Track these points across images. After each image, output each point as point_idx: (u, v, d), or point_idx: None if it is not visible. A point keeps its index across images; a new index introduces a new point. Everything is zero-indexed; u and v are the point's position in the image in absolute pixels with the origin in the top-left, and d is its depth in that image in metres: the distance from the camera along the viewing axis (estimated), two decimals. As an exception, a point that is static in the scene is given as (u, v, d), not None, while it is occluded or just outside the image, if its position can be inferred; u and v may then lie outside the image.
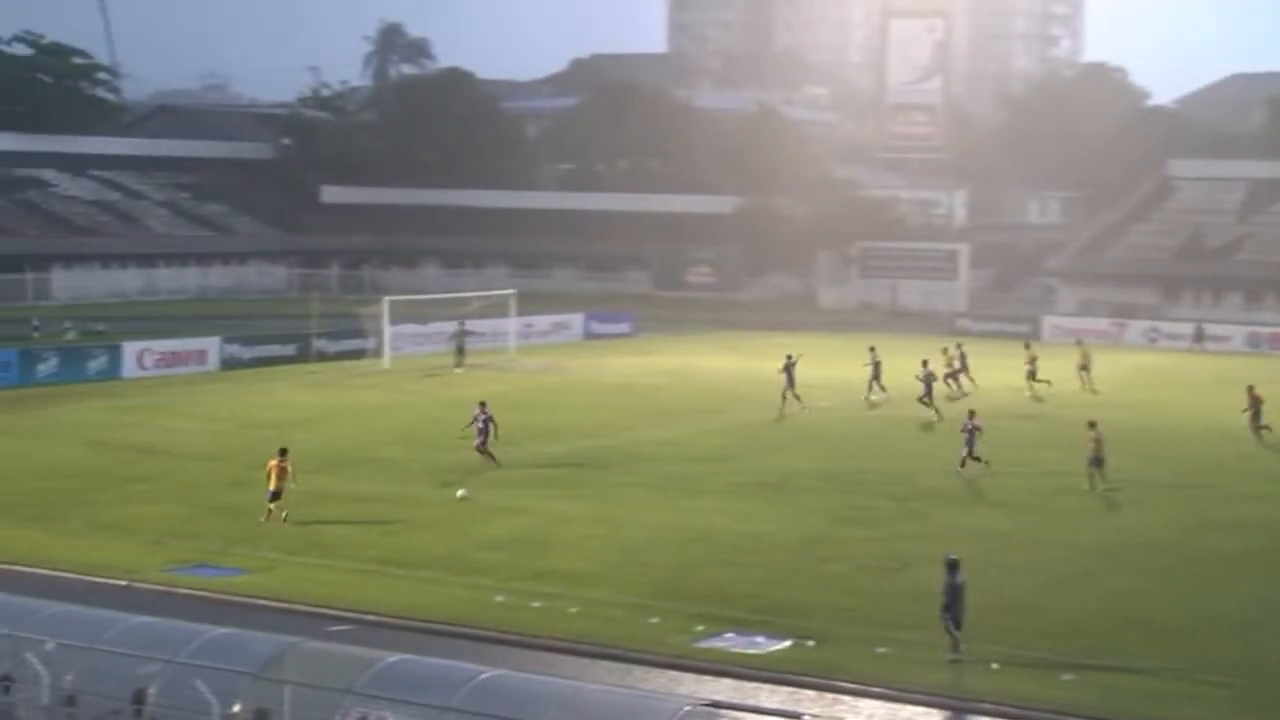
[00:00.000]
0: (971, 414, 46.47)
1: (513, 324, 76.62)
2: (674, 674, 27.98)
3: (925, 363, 57.77)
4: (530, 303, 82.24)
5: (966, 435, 45.33)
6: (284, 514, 37.68)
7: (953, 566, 28.78)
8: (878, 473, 45.63)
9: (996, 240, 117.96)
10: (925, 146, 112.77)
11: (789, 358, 57.78)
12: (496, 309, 76.40)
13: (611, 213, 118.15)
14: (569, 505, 40.48)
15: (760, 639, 29.40)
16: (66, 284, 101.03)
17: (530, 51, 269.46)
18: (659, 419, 55.72)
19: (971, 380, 62.80)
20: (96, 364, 64.70)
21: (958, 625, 28.46)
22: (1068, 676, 27.51)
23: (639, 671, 28.00)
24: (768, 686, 27.40)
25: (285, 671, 21.40)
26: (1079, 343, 69.74)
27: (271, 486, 37.88)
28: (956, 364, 62.90)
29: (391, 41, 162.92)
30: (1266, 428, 52.52)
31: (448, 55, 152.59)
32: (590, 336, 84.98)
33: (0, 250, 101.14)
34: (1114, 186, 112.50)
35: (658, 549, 36.03)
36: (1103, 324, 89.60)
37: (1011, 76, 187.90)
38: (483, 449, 45.44)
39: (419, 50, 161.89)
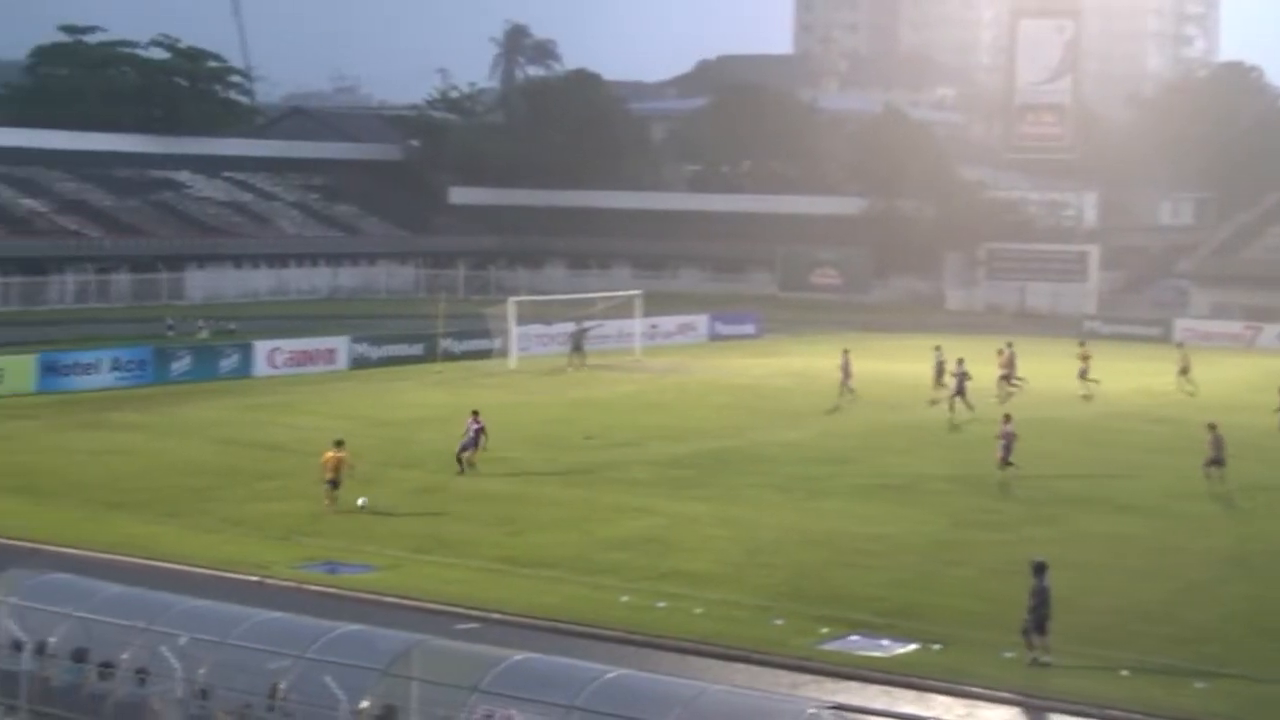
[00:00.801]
0: (1006, 418, 45.62)
1: (638, 325, 76.72)
2: (798, 676, 27.88)
3: (960, 361, 56.90)
4: (655, 304, 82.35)
5: (1003, 441, 44.42)
6: (333, 502, 38.67)
7: (1039, 569, 28.38)
8: (1006, 475, 45.12)
9: (1127, 242, 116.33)
10: (1054, 147, 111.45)
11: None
12: (621, 310, 76.58)
13: (736, 214, 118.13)
14: (694, 506, 40.49)
15: (885, 642, 29.23)
16: (200, 284, 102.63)
17: (657, 53, 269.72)
18: (784, 420, 55.57)
19: (1021, 380, 60.69)
20: (228, 362, 65.65)
21: (1041, 629, 28.01)
22: (1199, 684, 27.10)
23: (763, 673, 27.94)
24: (893, 690, 27.23)
25: (412, 668, 21.58)
26: (1179, 346, 68.45)
27: (329, 476, 38.89)
28: (1003, 367, 60.92)
29: (518, 43, 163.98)
30: None
31: (574, 57, 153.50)
32: (715, 338, 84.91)
33: (136, 250, 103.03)
34: (1248, 187, 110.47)
35: (782, 550, 35.95)
36: (1236, 327, 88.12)
37: (1143, 76, 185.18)
38: (463, 456, 44.24)
39: (545, 52, 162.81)
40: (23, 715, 22.92)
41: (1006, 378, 60.45)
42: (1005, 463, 44.47)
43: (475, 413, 45.45)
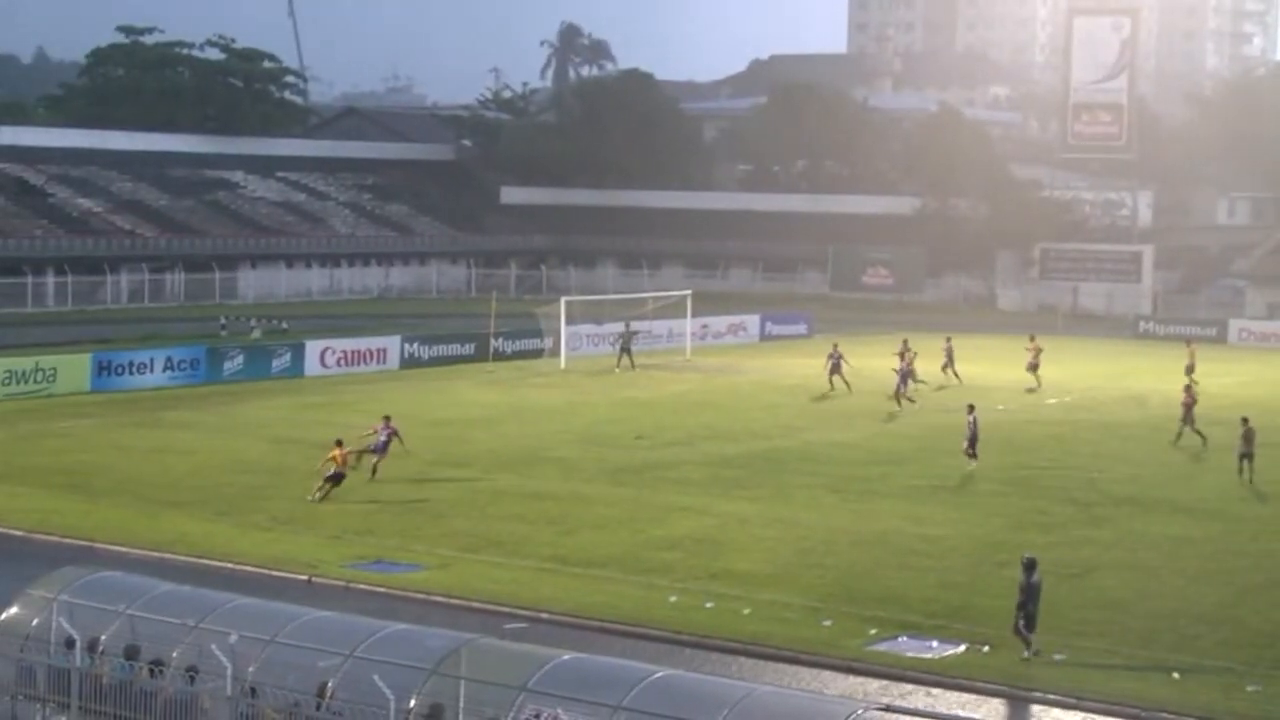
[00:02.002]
0: (970, 408, 46.31)
1: (689, 325, 76.65)
2: (847, 677, 27.78)
3: (903, 354, 58.99)
4: (706, 303, 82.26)
5: (970, 429, 45.54)
6: (318, 495, 40.04)
7: (1029, 566, 28.53)
8: (1061, 477, 44.94)
9: (1182, 242, 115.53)
10: (1110, 146, 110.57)
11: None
12: (672, 310, 76.53)
13: (788, 213, 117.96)
14: (744, 506, 40.40)
15: (934, 643, 29.07)
16: (253, 283, 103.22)
17: (710, 53, 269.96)
18: (835, 420, 55.41)
19: (923, 382, 61.08)
20: (280, 362, 65.92)
21: (1030, 626, 28.16)
22: (1252, 688, 26.85)
23: (811, 674, 27.85)
24: (942, 691, 27.09)
25: (460, 667, 21.55)
26: (1188, 344, 67.80)
27: (332, 470, 40.26)
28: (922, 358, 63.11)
29: (571, 43, 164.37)
30: None
31: (627, 57, 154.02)
32: (766, 337, 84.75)
33: (190, 250, 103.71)
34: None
35: (832, 551, 35.82)
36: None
37: (1201, 75, 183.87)
38: (355, 460, 42.44)
39: (599, 52, 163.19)
40: (74, 712, 23.03)
41: (947, 367, 64.31)
42: (969, 453, 45.46)
43: (387, 418, 44.44)
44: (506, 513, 39.17)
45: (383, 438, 43.43)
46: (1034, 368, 64.32)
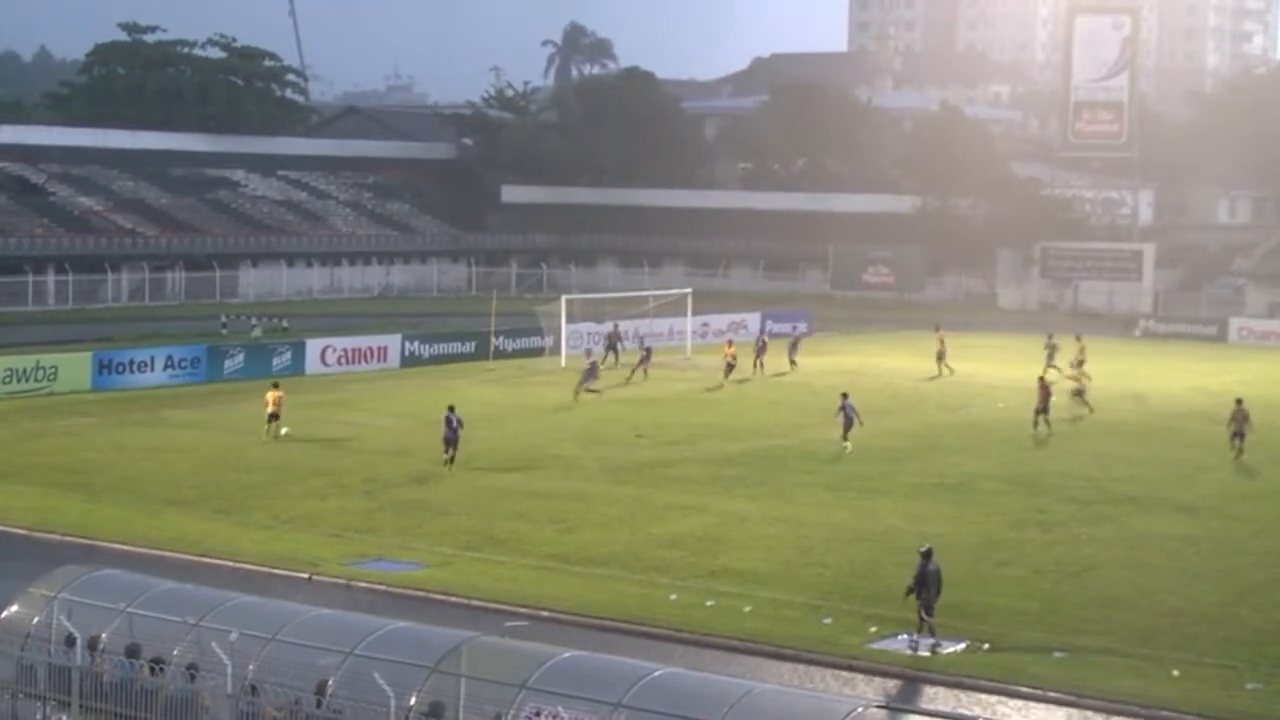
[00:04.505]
0: (844, 396, 49.45)
1: (689, 323, 76.60)
2: (847, 675, 27.81)
3: (730, 343, 65.70)
4: (707, 301, 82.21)
5: (845, 414, 48.38)
6: (279, 432, 48.38)
7: (926, 555, 29.09)
8: (1060, 475, 44.93)
9: (1183, 240, 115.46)
10: (1110, 145, 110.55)
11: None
12: (673, 308, 76.49)
13: (789, 212, 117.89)
14: (745, 504, 40.41)
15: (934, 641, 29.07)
16: (253, 282, 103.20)
17: (711, 51, 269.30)
18: (836, 418, 55.31)
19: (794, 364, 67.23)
20: (281, 360, 65.90)
21: (929, 611, 28.65)
22: (1252, 685, 26.86)
23: (812, 672, 27.87)
24: (941, 689, 27.10)
25: (461, 665, 21.57)
26: (1078, 338, 67.60)
27: (270, 410, 48.95)
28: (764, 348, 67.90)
29: (574, 42, 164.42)
30: None
31: (629, 55, 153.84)
32: (768, 336, 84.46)
33: (191, 249, 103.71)
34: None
35: (833, 549, 35.83)
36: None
37: (1202, 73, 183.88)
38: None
39: (601, 50, 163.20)
40: (75, 710, 23.06)
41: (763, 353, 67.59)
42: (844, 437, 48.16)
43: (451, 408, 45.53)
44: (507, 511, 39.18)
45: (452, 428, 44.77)
46: (941, 357, 66.12)
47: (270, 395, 49.56)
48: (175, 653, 22.96)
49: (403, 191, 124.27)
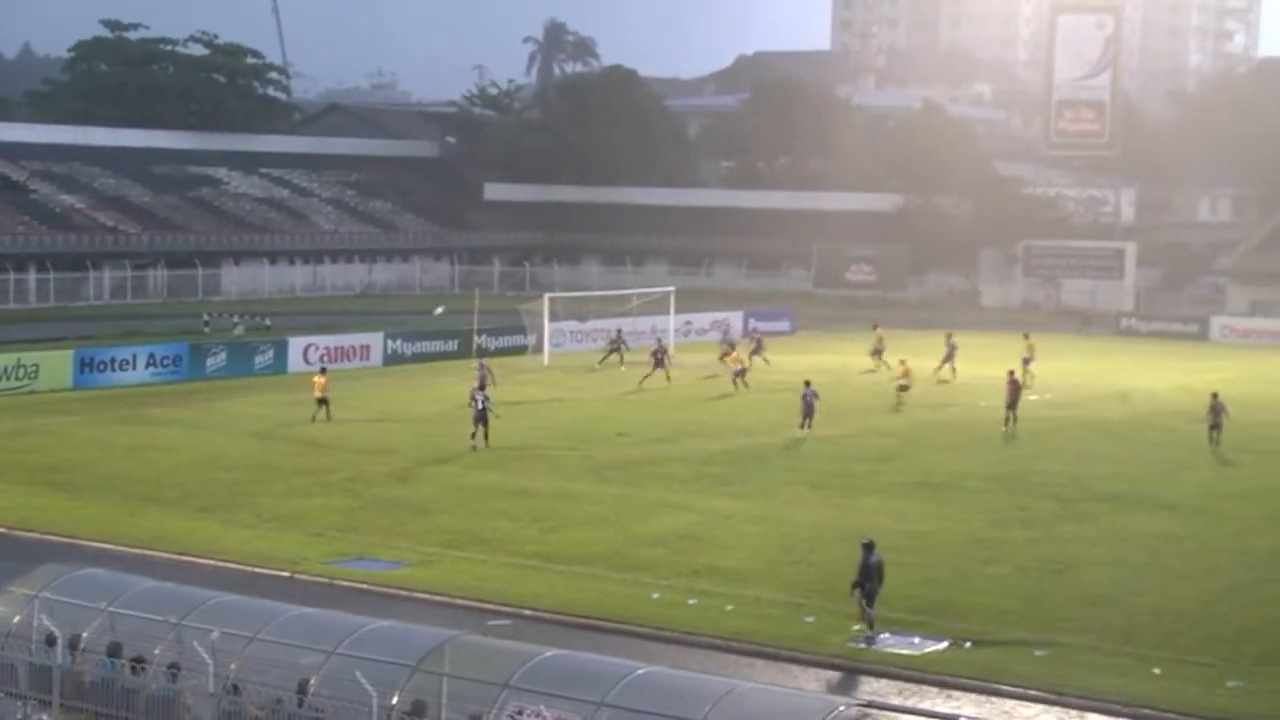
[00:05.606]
0: (807, 383, 51.63)
1: (672, 321, 76.59)
2: (829, 673, 27.82)
3: (659, 339, 66.97)
4: (690, 300, 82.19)
5: (805, 401, 50.68)
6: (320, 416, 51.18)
7: (868, 547, 29.50)
8: (1043, 474, 45.00)
9: (1165, 239, 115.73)
10: (1093, 143, 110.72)
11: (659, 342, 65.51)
12: (656, 306, 76.47)
13: (772, 210, 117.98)
14: (729, 503, 40.43)
15: (917, 639, 29.11)
16: (236, 280, 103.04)
17: (694, 49, 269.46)
18: (820, 417, 55.33)
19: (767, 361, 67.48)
20: (263, 358, 65.83)
21: (870, 602, 29.11)
22: (1233, 683, 26.91)
23: (794, 670, 27.88)
24: (924, 688, 27.12)
25: (443, 664, 21.56)
26: (1025, 336, 67.82)
27: (317, 395, 51.69)
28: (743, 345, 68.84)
29: (556, 40, 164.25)
30: None
31: (612, 53, 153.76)
32: (751, 334, 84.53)
33: (173, 246, 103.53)
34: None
35: (816, 547, 35.84)
36: (1275, 325, 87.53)
37: (1184, 72, 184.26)
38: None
39: (583, 49, 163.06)
40: (56, 710, 22.99)
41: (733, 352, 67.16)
42: (806, 424, 50.39)
43: (480, 386, 49.77)
44: (490, 509, 39.15)
45: (480, 406, 47.24)
46: (878, 353, 67.83)
47: (317, 380, 52.50)
48: (157, 652, 22.93)
49: (385, 189, 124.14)
